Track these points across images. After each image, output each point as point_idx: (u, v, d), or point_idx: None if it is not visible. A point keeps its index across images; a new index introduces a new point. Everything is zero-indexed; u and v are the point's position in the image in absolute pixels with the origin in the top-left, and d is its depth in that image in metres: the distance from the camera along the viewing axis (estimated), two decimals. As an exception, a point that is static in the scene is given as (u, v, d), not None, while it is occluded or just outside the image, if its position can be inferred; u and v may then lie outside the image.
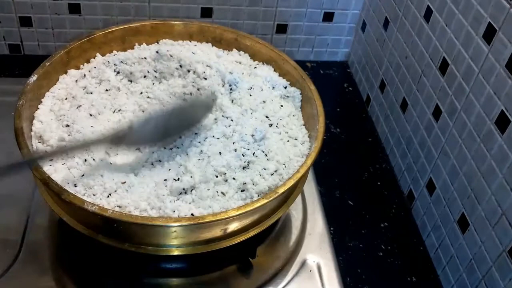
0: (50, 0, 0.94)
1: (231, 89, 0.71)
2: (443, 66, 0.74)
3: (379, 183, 0.87)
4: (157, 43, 0.78)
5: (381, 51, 0.95)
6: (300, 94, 0.73)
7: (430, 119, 0.77)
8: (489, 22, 0.63)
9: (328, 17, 1.04)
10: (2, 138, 0.61)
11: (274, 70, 0.76)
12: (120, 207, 0.56)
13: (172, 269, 0.67)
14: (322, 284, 0.66)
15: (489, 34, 0.63)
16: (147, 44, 0.78)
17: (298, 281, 0.67)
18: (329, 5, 1.03)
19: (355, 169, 0.89)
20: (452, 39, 0.71)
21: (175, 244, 0.58)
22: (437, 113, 0.75)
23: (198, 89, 0.69)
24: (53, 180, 0.55)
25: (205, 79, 0.71)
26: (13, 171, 0.51)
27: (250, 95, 0.71)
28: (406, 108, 0.85)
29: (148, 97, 0.71)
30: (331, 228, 0.75)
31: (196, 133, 0.65)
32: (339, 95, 1.04)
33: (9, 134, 0.60)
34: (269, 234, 0.71)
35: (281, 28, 1.05)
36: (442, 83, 0.74)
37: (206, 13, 1.00)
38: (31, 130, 0.64)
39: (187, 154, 0.63)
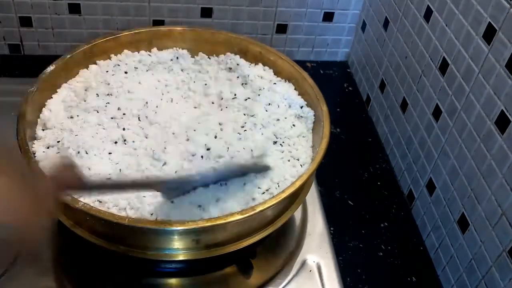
0: (50, 0, 0.94)
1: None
2: (443, 66, 0.74)
3: (379, 183, 0.87)
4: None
5: (381, 51, 0.95)
6: (314, 115, 0.72)
7: (430, 119, 0.77)
8: (489, 22, 0.63)
9: (328, 17, 1.04)
10: (2, 138, 0.61)
11: (295, 89, 0.76)
12: (100, 202, 0.57)
13: (171, 270, 0.67)
14: (322, 284, 0.67)
15: (489, 34, 0.63)
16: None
17: (298, 281, 0.67)
18: (329, 5, 1.03)
19: (355, 169, 0.89)
20: (452, 39, 0.71)
21: (148, 246, 0.58)
22: (437, 113, 0.75)
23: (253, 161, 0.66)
24: (39, 167, 0.57)
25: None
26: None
27: (266, 110, 0.71)
28: (406, 108, 0.85)
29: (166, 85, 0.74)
30: (331, 228, 0.75)
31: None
32: (339, 95, 1.04)
33: (10, 134, 0.60)
34: (269, 234, 0.71)
35: (281, 28, 1.05)
36: (442, 83, 0.74)
37: (206, 13, 1.00)
38: (38, 117, 0.66)
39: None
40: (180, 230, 0.55)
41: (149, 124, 0.67)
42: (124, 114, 0.68)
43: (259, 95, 0.72)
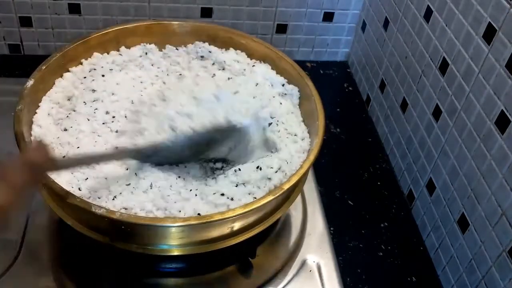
0: (50, 0, 0.94)
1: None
2: (443, 66, 0.74)
3: (379, 183, 0.87)
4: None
5: (381, 51, 0.95)
6: (298, 91, 0.73)
7: (430, 119, 0.77)
8: (489, 22, 0.63)
9: (328, 17, 1.04)
10: (2, 138, 0.61)
11: (272, 68, 0.76)
12: (126, 209, 0.56)
13: (172, 269, 0.67)
14: (322, 284, 0.66)
15: (489, 34, 0.63)
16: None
17: (298, 281, 0.67)
18: (329, 5, 1.03)
19: (355, 169, 0.89)
20: (452, 39, 0.71)
21: (181, 244, 0.57)
22: (437, 113, 0.75)
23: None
24: (57, 184, 0.55)
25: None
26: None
27: (256, 90, 0.71)
28: (406, 108, 0.85)
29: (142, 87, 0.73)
30: (331, 228, 0.75)
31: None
32: (339, 95, 1.04)
33: (10, 134, 0.60)
34: (269, 234, 0.71)
35: (281, 28, 1.05)
36: (442, 83, 0.74)
37: (206, 13, 1.00)
38: (30, 134, 0.64)
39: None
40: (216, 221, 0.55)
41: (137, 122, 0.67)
42: (113, 117, 0.68)
43: (244, 75, 0.72)
